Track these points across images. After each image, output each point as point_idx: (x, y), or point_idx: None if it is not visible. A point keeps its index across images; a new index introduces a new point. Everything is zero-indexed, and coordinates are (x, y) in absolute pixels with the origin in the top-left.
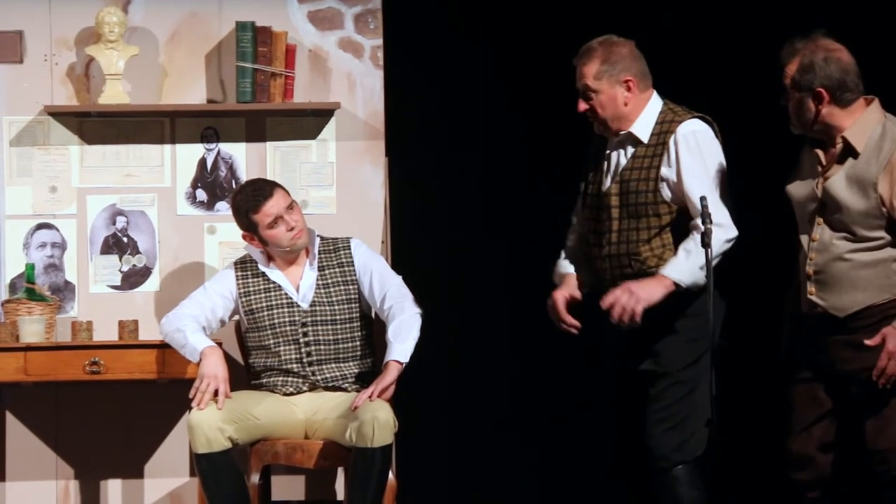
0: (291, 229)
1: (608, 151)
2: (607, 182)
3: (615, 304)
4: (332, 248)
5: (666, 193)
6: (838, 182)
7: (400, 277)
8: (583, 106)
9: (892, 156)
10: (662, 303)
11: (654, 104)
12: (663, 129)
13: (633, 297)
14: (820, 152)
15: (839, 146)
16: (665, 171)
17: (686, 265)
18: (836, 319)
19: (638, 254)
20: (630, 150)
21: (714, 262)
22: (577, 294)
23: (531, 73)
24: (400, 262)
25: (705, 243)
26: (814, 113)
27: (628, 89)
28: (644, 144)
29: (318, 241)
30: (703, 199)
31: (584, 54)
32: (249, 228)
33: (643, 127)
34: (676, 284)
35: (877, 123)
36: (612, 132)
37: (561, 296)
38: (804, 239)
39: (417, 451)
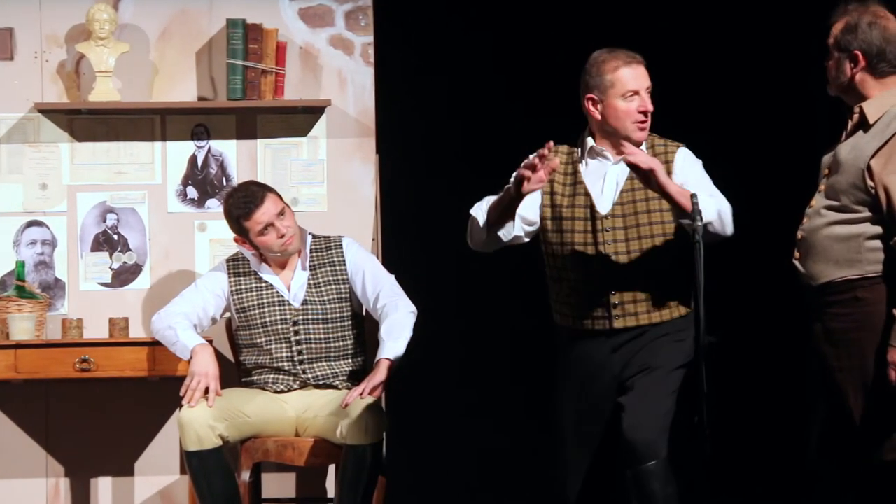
0: (282, 236)
1: (595, 172)
2: (606, 205)
3: (638, 154)
4: (323, 246)
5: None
6: (844, 150)
7: (393, 276)
8: (651, 104)
9: (894, 135)
10: (653, 326)
11: None
12: (657, 152)
13: (652, 161)
14: (849, 120)
15: (856, 116)
16: None
17: (707, 201)
18: (810, 289)
19: (655, 272)
20: (626, 170)
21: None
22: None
23: (524, 68)
24: (391, 259)
25: (695, 241)
26: (848, 76)
27: None
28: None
29: (309, 239)
30: (693, 196)
31: (638, 57)
32: (241, 233)
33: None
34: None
35: (892, 102)
36: (642, 141)
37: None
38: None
39: (408, 449)
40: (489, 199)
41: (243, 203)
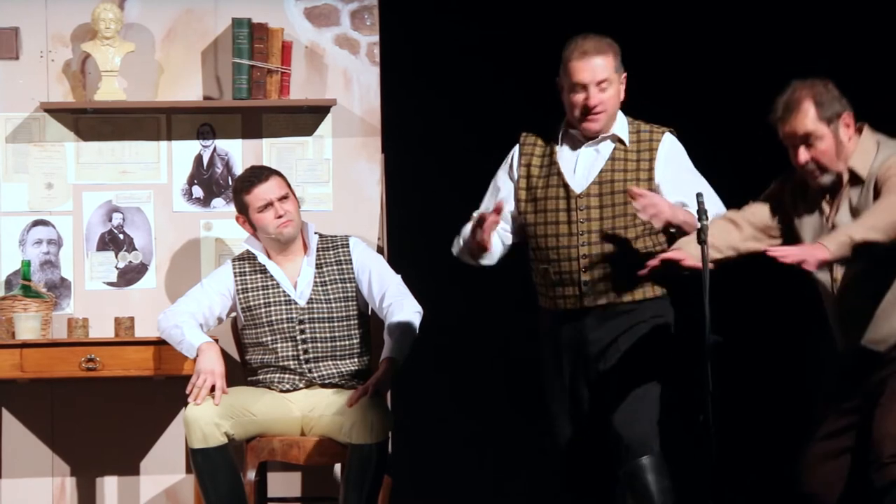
0: (279, 217)
1: (569, 154)
2: (581, 184)
3: (648, 199)
4: (330, 245)
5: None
6: (844, 215)
7: (399, 276)
8: (595, 99)
9: (878, 170)
10: (629, 306)
11: (620, 112)
12: (643, 138)
13: (665, 206)
14: (825, 197)
15: (845, 178)
16: (660, 173)
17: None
18: (873, 353)
19: (628, 252)
20: (607, 151)
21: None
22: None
23: (529, 68)
24: (396, 258)
25: (701, 240)
26: (851, 141)
27: (623, 87)
28: (624, 147)
29: (316, 238)
30: (699, 195)
31: (599, 47)
32: (242, 210)
33: (621, 129)
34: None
35: (873, 147)
36: (593, 133)
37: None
38: (824, 278)
39: (413, 448)
40: (467, 229)
41: (248, 178)
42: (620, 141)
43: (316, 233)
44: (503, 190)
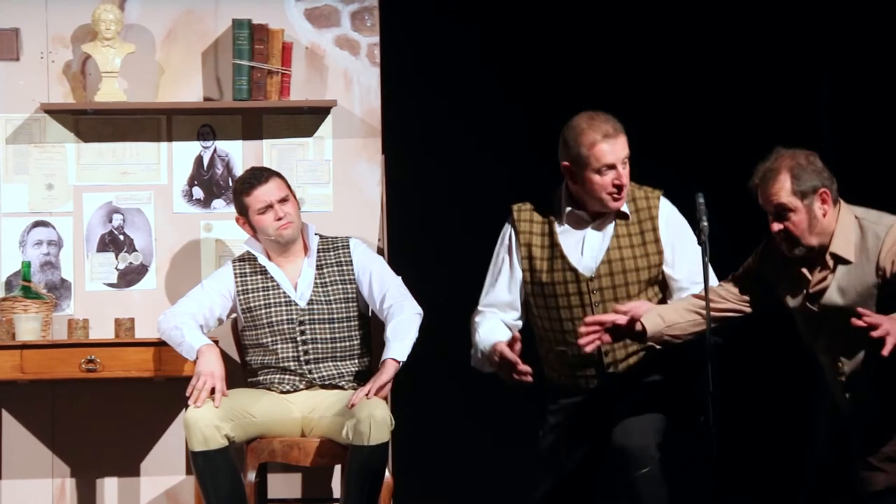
0: (279, 219)
1: (573, 234)
2: (590, 265)
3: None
4: (330, 246)
5: (664, 263)
6: (835, 296)
7: (399, 278)
8: (625, 178)
9: (881, 249)
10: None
11: None
12: (640, 206)
13: None
14: (804, 270)
15: (830, 262)
16: (664, 242)
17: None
18: (879, 412)
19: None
20: (610, 227)
21: None
22: (517, 338)
23: (530, 70)
24: (396, 259)
25: (701, 241)
26: (825, 215)
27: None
28: (626, 221)
29: (316, 238)
30: (698, 195)
31: (617, 126)
32: (241, 212)
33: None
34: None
35: (853, 226)
36: (617, 209)
37: (503, 345)
38: (820, 347)
39: (414, 450)
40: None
41: (248, 180)
42: (620, 214)
43: (316, 234)
44: (514, 276)
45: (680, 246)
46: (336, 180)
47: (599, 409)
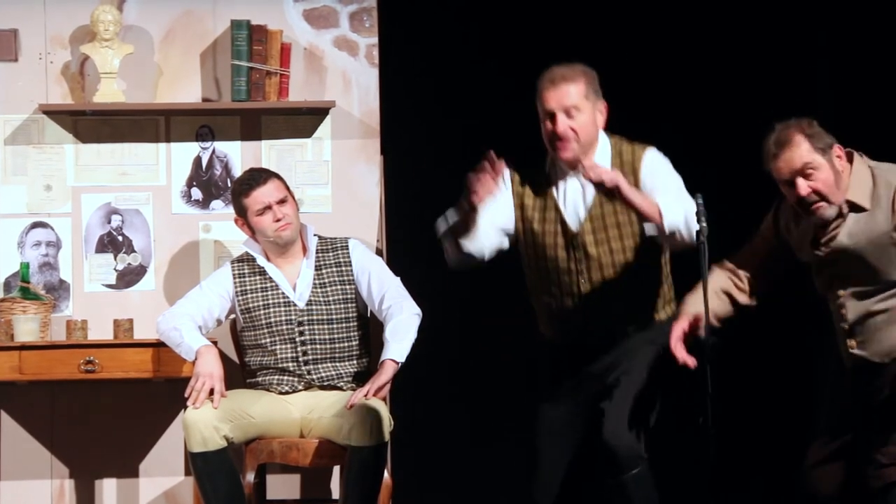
0: (278, 220)
1: (559, 186)
2: (575, 220)
3: (600, 169)
4: (329, 247)
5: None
6: (844, 239)
7: (398, 279)
8: (562, 127)
9: (893, 196)
10: (630, 335)
11: (604, 135)
12: (625, 160)
13: (616, 177)
14: (814, 216)
15: (846, 209)
16: (647, 192)
17: (670, 205)
18: (876, 365)
19: (627, 286)
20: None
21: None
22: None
23: (529, 70)
24: (395, 260)
25: (700, 241)
26: (844, 171)
27: (602, 114)
28: None
29: (315, 239)
30: (697, 195)
31: (568, 74)
32: (240, 213)
33: (601, 157)
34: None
35: (867, 174)
36: (567, 161)
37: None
38: (830, 297)
39: (412, 450)
40: (452, 212)
41: (247, 181)
42: None
43: (315, 235)
44: (498, 205)
45: (662, 186)
46: (335, 181)
47: (582, 370)
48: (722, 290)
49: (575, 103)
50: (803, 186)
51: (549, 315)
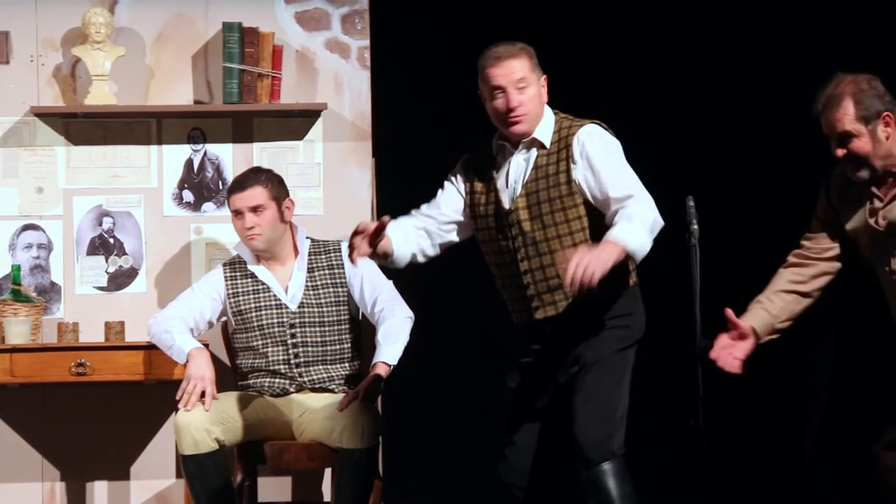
0: (248, 229)
1: (502, 166)
2: (510, 196)
3: (576, 269)
4: (322, 250)
5: (580, 194)
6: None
7: (391, 282)
8: (515, 100)
9: None
10: (587, 308)
11: (548, 111)
12: (562, 135)
13: (592, 264)
14: (874, 189)
15: (890, 180)
16: (576, 172)
17: (633, 232)
18: None
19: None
20: (532, 158)
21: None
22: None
23: None
24: None
25: (692, 244)
26: (888, 138)
27: (544, 87)
28: (545, 150)
29: (308, 242)
30: (688, 198)
31: (512, 51)
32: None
33: (544, 132)
34: (626, 251)
35: None
36: (519, 135)
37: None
38: (882, 272)
39: (404, 453)
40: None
41: (233, 182)
42: (542, 146)
43: (307, 237)
44: (445, 193)
45: (597, 162)
46: (326, 183)
47: (538, 349)
48: (783, 290)
49: (523, 76)
50: (839, 151)
51: (505, 297)
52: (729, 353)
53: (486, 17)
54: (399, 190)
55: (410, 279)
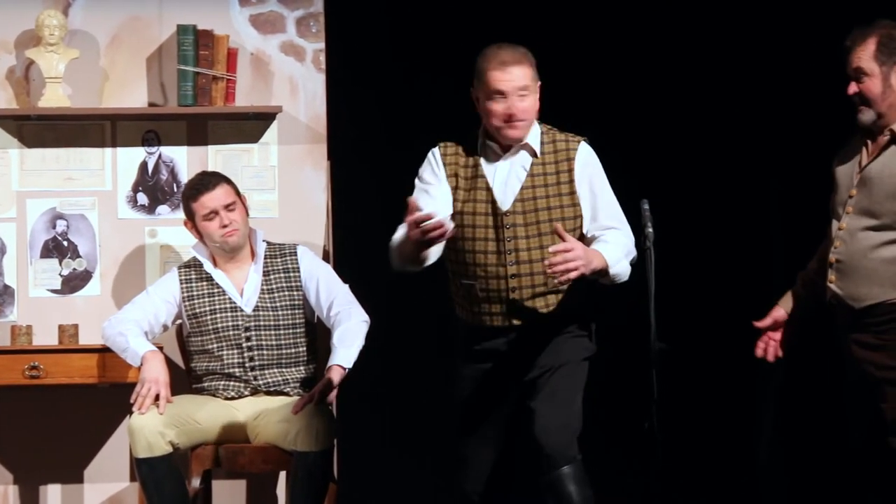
0: (224, 226)
1: (489, 166)
2: (506, 200)
3: (566, 256)
4: (278, 253)
5: (579, 208)
6: (875, 168)
7: (347, 286)
8: (517, 108)
9: None
10: (558, 318)
11: (536, 122)
12: (559, 147)
13: (580, 260)
14: (868, 141)
15: (886, 137)
16: (580, 188)
17: (618, 261)
18: (851, 310)
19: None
20: (526, 164)
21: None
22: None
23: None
24: (342, 265)
25: (646, 248)
26: None
27: (539, 97)
28: (540, 159)
29: (264, 245)
30: (643, 201)
31: (517, 57)
32: (189, 217)
33: (534, 139)
34: (608, 271)
35: None
36: (513, 140)
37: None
38: (834, 225)
39: (358, 456)
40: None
41: (196, 185)
42: (534, 153)
43: (264, 240)
44: (436, 190)
45: (598, 188)
46: (281, 186)
47: (504, 355)
48: (807, 281)
49: (526, 84)
50: (851, 86)
51: (471, 299)
52: (767, 343)
53: (441, 20)
54: (354, 193)
55: (365, 281)
